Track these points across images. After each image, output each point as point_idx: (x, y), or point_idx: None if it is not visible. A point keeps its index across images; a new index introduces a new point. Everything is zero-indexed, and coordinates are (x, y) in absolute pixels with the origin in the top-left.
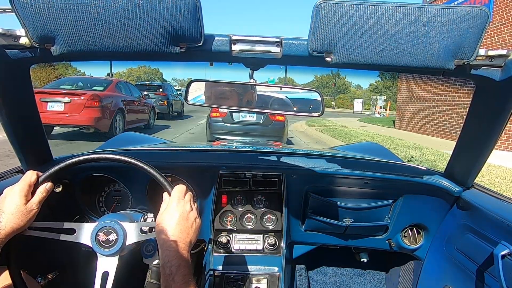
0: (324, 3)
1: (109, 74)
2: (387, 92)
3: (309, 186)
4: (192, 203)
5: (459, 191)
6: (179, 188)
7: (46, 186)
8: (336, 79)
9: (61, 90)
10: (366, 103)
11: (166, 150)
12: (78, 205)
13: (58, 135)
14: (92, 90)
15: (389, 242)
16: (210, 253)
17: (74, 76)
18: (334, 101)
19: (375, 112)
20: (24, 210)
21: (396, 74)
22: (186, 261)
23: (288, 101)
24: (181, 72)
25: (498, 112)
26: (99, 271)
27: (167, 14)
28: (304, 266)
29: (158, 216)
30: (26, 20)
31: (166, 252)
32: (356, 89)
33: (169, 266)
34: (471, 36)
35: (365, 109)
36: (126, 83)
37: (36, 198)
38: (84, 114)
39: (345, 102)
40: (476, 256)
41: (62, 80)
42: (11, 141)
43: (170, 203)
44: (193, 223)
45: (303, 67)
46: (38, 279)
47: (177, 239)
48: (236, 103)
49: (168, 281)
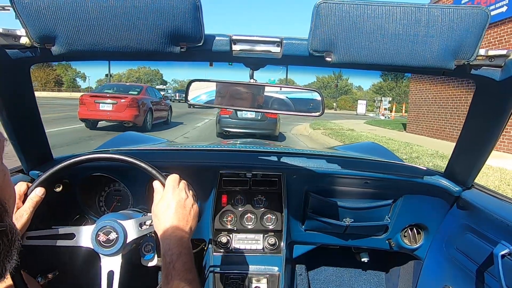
0: (324, 3)
1: (107, 75)
2: (390, 93)
3: (309, 186)
4: (187, 190)
5: (459, 191)
6: (172, 177)
7: (36, 192)
8: (338, 80)
9: (105, 94)
10: (369, 105)
11: (166, 149)
12: (78, 205)
13: (103, 127)
14: (129, 94)
15: (389, 242)
16: (210, 252)
17: (113, 83)
18: (336, 103)
19: (379, 114)
20: (14, 219)
21: (399, 75)
22: (187, 249)
23: (288, 101)
24: (181, 73)
25: (498, 112)
26: (103, 271)
27: (167, 14)
28: (304, 266)
29: (153, 207)
30: (27, 20)
31: (166, 241)
32: (357, 91)
33: (169, 254)
34: (472, 36)
35: (368, 110)
36: (152, 88)
37: (27, 204)
38: (126, 112)
39: (347, 104)
40: (476, 256)
41: (105, 86)
42: (11, 140)
43: (165, 193)
44: (190, 210)
45: (304, 68)
46: (38, 279)
47: (176, 227)
48: (239, 103)
49: (168, 269)
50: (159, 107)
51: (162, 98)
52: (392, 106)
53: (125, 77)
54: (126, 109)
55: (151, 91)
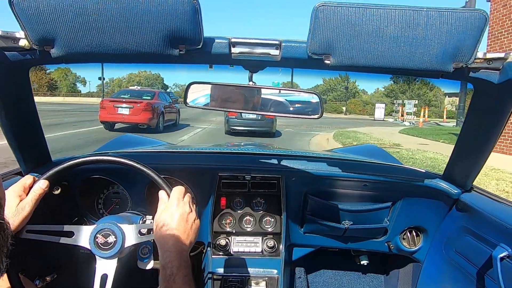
0: (323, 5)
1: (100, 78)
2: (403, 96)
3: (308, 189)
4: (191, 204)
5: (458, 193)
6: (178, 189)
7: (39, 184)
8: (345, 81)
9: (122, 99)
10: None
11: (165, 152)
12: (77, 207)
13: (120, 128)
14: (143, 99)
15: (388, 244)
16: (209, 255)
17: (128, 89)
18: (346, 106)
19: (398, 119)
20: (16, 211)
21: (411, 78)
22: (186, 262)
23: (287, 103)
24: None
25: (496, 114)
26: (97, 273)
27: (166, 17)
28: (303, 269)
29: (156, 217)
30: (26, 22)
31: (166, 253)
32: (362, 93)
33: (170, 266)
34: (470, 39)
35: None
36: (163, 93)
37: (30, 196)
38: (142, 116)
39: (357, 108)
40: (475, 258)
41: (121, 91)
42: (10, 143)
43: (169, 204)
44: (192, 224)
45: (308, 70)
46: (36, 282)
47: (177, 240)
48: (238, 106)
49: (169, 281)
50: (169, 111)
51: (172, 102)
52: (421, 110)
53: (126, 81)
54: (141, 112)
55: (162, 96)
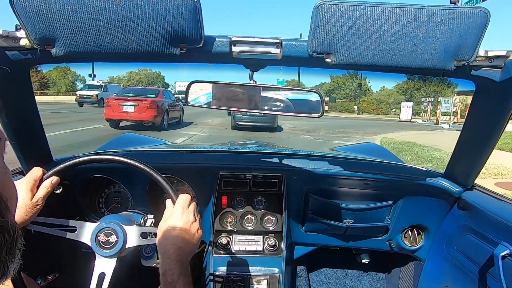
0: (324, 4)
1: (90, 75)
2: (418, 93)
3: (309, 187)
4: (195, 214)
5: (459, 191)
6: (184, 197)
7: (51, 180)
8: (354, 79)
9: (127, 97)
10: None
11: (167, 151)
12: (78, 206)
13: (125, 126)
14: (148, 97)
15: (390, 243)
16: (210, 254)
17: (133, 87)
18: (358, 105)
19: (427, 120)
20: (30, 204)
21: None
22: (187, 270)
23: (288, 102)
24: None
25: (498, 112)
26: (95, 271)
27: (167, 16)
28: (305, 267)
29: (161, 224)
30: (26, 21)
31: (167, 260)
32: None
33: (170, 274)
34: (471, 37)
35: (394, 114)
36: (167, 91)
37: (41, 192)
38: (146, 113)
39: (370, 106)
40: (477, 257)
41: (126, 89)
42: (11, 142)
43: (174, 212)
44: (195, 234)
45: (314, 69)
46: (38, 281)
47: (179, 248)
48: (239, 104)
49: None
50: (173, 108)
51: (175, 101)
52: (458, 109)
53: (126, 79)
54: (146, 110)
55: (166, 94)
